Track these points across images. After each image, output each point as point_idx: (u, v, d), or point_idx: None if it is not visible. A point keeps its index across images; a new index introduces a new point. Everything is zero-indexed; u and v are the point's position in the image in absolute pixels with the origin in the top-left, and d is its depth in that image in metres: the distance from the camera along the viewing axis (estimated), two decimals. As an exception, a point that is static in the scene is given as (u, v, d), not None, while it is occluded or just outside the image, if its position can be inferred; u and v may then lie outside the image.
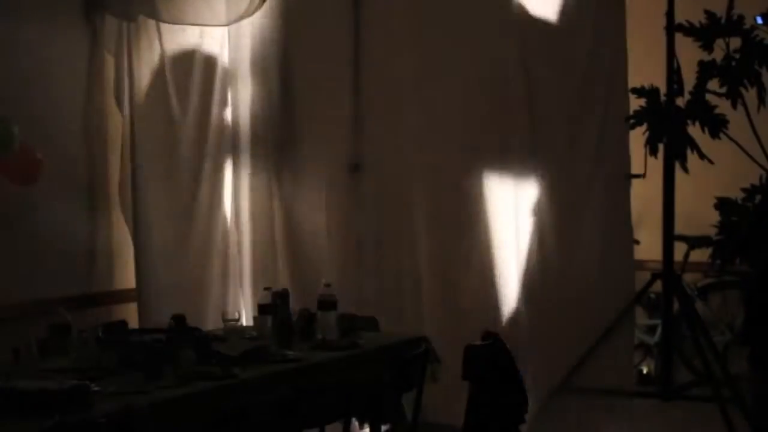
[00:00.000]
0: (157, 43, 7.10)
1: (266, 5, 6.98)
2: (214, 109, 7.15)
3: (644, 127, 6.59)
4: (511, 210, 6.96)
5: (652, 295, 7.84)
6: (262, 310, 5.71)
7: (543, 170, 6.93)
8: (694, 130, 6.53)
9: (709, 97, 6.51)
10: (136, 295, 7.07)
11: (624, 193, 6.92)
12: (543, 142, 6.93)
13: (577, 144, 6.92)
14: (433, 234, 7.00)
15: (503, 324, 6.85)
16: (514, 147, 6.95)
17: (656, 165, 6.70)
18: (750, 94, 6.43)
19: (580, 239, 6.90)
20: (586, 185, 6.92)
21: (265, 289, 5.91)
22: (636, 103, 6.67)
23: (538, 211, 6.92)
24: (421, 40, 6.98)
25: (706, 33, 6.45)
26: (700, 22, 6.48)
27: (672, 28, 6.67)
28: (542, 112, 6.94)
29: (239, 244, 7.13)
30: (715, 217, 6.52)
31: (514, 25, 6.88)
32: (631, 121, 6.66)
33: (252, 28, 7.09)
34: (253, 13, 6.97)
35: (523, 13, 6.88)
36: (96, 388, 4.28)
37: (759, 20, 6.27)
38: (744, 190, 6.43)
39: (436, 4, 6.98)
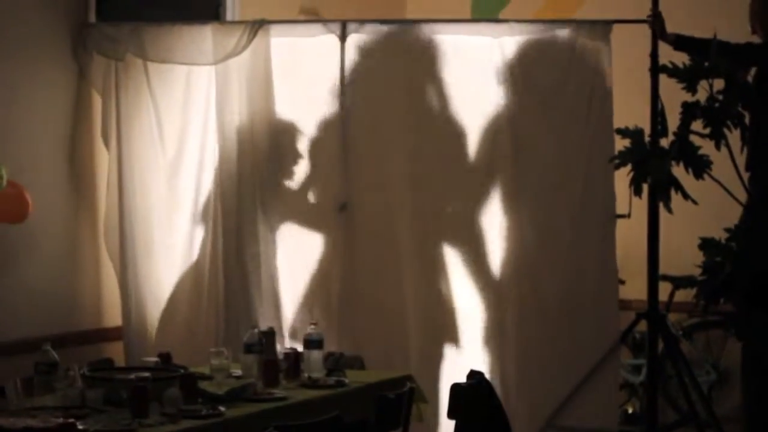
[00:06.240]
0: (144, 82, 7.12)
1: (253, 44, 7.01)
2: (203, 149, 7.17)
3: (629, 167, 6.63)
4: (496, 251, 6.98)
5: (637, 335, 7.85)
6: (248, 348, 5.72)
7: (528, 210, 6.95)
8: (678, 171, 6.57)
9: (692, 137, 6.56)
10: (123, 333, 7.07)
11: (609, 233, 6.93)
12: (528, 183, 6.95)
13: (563, 184, 6.94)
14: (418, 273, 7.01)
15: (489, 363, 6.86)
16: (499, 187, 6.97)
17: (641, 205, 6.73)
18: (733, 135, 6.48)
19: (566, 279, 6.92)
20: (572, 225, 6.93)
21: (252, 328, 5.92)
22: (621, 144, 6.71)
23: (524, 251, 6.94)
24: (406, 88, 7.04)
25: (689, 74, 6.50)
26: (683, 64, 6.54)
27: (656, 69, 6.72)
28: (527, 152, 6.96)
29: (227, 283, 7.12)
30: (699, 256, 6.55)
31: (499, 70, 6.93)
32: (616, 161, 6.70)
33: (239, 67, 7.11)
34: (240, 52, 7.00)
35: (510, 58, 6.93)
36: (82, 427, 4.28)
37: None
38: (727, 230, 6.46)
39: (423, 57, 7.03)
